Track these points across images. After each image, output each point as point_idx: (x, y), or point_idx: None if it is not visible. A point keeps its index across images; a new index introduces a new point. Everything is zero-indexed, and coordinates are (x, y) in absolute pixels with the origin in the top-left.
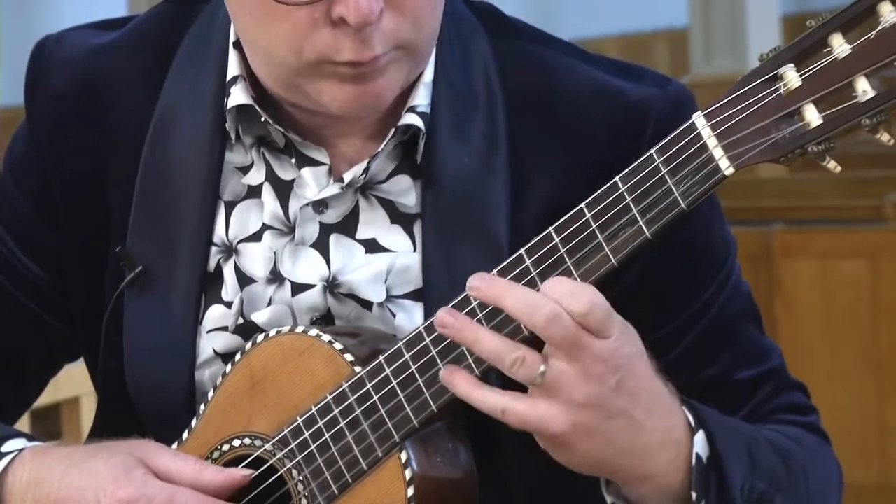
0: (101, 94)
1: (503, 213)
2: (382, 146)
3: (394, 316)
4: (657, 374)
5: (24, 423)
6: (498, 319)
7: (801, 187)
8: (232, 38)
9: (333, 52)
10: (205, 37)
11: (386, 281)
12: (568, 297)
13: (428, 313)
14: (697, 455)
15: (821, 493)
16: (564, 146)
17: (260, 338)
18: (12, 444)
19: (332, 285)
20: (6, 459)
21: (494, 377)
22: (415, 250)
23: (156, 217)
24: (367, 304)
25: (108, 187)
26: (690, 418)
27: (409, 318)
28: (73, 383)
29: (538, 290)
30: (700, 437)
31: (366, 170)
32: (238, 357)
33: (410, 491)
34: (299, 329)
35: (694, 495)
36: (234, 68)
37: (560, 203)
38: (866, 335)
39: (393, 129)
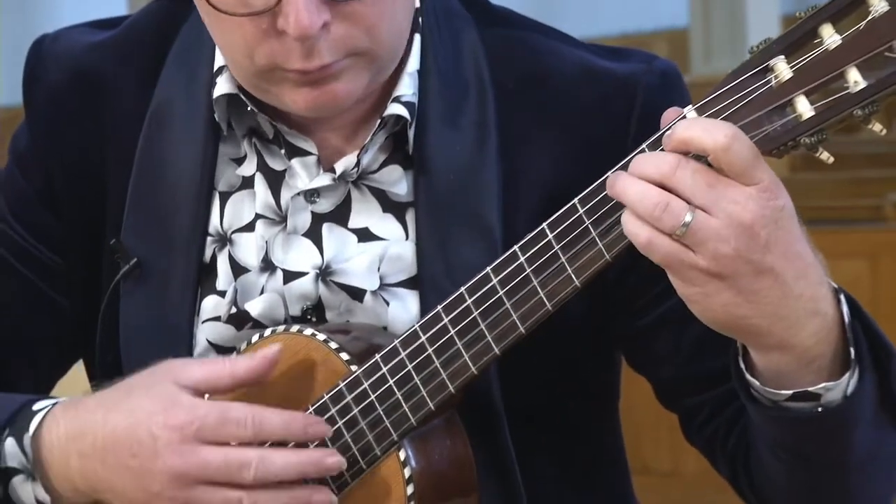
0: (97, 89)
1: (495, 199)
2: (370, 138)
3: (387, 304)
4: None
5: None
6: (497, 313)
7: (801, 187)
8: None
9: (283, 60)
10: (198, 33)
11: (379, 269)
12: (700, 137)
13: (423, 301)
14: (849, 314)
15: None
16: (556, 129)
17: (255, 338)
18: (42, 403)
19: (325, 273)
20: (39, 416)
21: (495, 369)
22: (407, 238)
23: (150, 209)
24: (358, 295)
25: (104, 180)
26: (834, 285)
27: (403, 305)
28: (74, 383)
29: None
30: (843, 299)
31: (357, 163)
32: (233, 357)
33: (410, 489)
34: (294, 329)
35: (853, 351)
36: (220, 59)
37: (554, 186)
38: None
39: (379, 120)
